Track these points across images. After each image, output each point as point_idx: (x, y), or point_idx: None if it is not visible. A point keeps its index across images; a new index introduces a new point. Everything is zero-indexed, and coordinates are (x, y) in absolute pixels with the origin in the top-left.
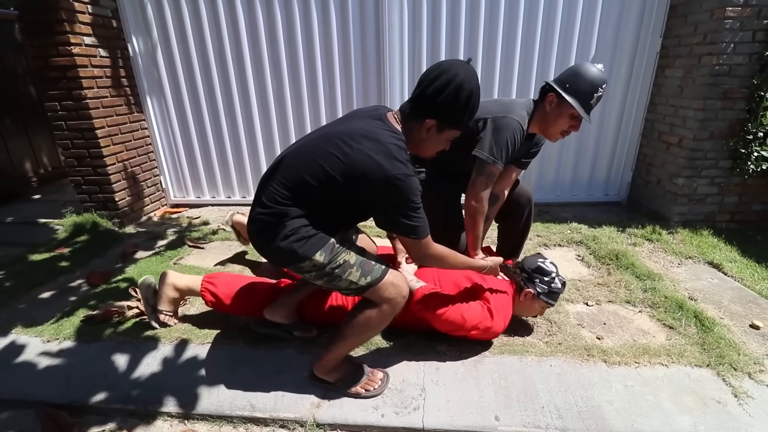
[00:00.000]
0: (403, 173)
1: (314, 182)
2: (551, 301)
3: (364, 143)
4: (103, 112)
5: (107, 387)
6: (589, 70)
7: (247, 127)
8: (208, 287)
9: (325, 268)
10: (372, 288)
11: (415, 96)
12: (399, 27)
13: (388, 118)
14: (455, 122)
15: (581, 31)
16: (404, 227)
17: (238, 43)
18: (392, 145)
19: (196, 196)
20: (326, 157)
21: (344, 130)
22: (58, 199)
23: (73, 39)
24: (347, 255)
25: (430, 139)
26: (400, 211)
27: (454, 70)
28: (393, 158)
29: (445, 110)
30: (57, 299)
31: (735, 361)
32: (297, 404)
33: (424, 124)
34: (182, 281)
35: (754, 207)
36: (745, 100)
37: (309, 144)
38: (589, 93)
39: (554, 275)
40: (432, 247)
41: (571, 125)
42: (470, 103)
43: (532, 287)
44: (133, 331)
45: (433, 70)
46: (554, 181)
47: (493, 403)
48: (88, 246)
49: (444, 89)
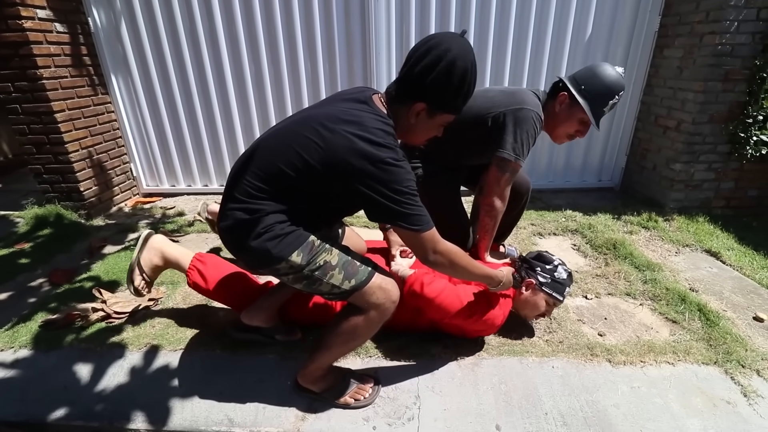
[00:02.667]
0: (392, 157)
1: (291, 172)
2: (556, 294)
3: (346, 127)
4: (62, 94)
5: (68, 402)
6: (608, 74)
7: (223, 110)
8: (197, 265)
9: (303, 270)
10: (357, 292)
11: (402, 76)
12: (385, 1)
13: (374, 101)
14: (448, 106)
15: (577, 9)
16: (399, 215)
17: (211, 18)
18: (377, 130)
19: (170, 185)
20: (304, 143)
21: (324, 113)
22: (21, 189)
23: (24, 12)
24: (328, 255)
25: (420, 124)
26: (392, 197)
27: (445, 45)
28: (378, 143)
29: (435, 92)
30: (14, 301)
31: (743, 357)
32: (280, 417)
33: (412, 108)
34: (172, 251)
35: (750, 193)
36: (746, 82)
37: (285, 129)
38: (604, 99)
39: (557, 264)
40: (440, 243)
41: (578, 130)
42: (464, 83)
43: (533, 277)
44: (97, 338)
45: (422, 45)
46: (547, 166)
47: (493, 411)
48: (51, 241)
49: (434, 67)
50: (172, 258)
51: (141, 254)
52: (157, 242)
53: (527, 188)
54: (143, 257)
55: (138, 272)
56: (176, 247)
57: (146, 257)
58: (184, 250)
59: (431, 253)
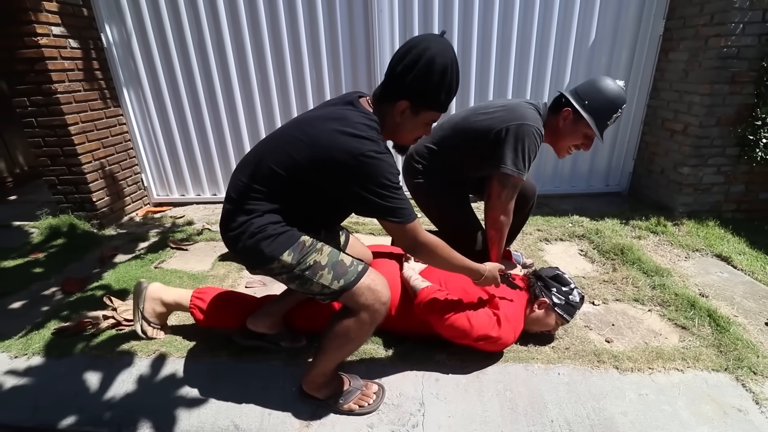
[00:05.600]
0: (374, 150)
1: (281, 171)
2: (567, 316)
3: (330, 124)
4: (76, 107)
5: (78, 408)
6: (610, 88)
7: (231, 120)
8: (197, 303)
9: (294, 270)
10: (347, 293)
11: (386, 76)
12: (389, 10)
13: (360, 102)
14: (430, 102)
15: (580, 14)
16: (383, 209)
17: (218, 31)
18: (361, 124)
19: (180, 194)
20: (291, 141)
21: (312, 115)
22: (36, 199)
23: (40, 29)
24: (318, 255)
25: (405, 123)
26: (376, 191)
27: (424, 44)
28: (360, 136)
29: (416, 89)
30: (28, 309)
31: (754, 364)
32: (285, 424)
33: (396, 107)
34: (170, 296)
35: (762, 195)
36: (753, 83)
37: (277, 133)
38: (608, 113)
39: (573, 287)
40: (421, 234)
41: (582, 143)
42: (445, 79)
43: (548, 296)
44: (107, 345)
45: (403, 46)
46: (553, 171)
47: (498, 418)
48: (64, 250)
49: (414, 66)
50: (172, 302)
51: (143, 307)
52: (154, 292)
53: (533, 192)
54: (146, 309)
55: (146, 324)
56: (173, 290)
57: (148, 308)
58: (181, 292)
59: (414, 243)
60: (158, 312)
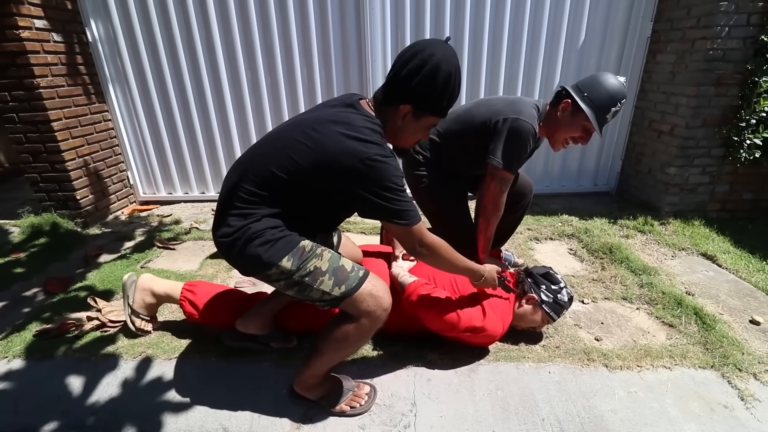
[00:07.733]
0: (380, 154)
1: (283, 175)
2: (553, 314)
3: (333, 127)
4: (59, 103)
5: (61, 412)
6: (610, 82)
7: (219, 117)
8: (188, 296)
9: (293, 276)
10: (348, 299)
11: (389, 80)
12: (381, 9)
13: (361, 105)
14: (433, 108)
15: (570, 15)
16: (389, 211)
17: (207, 27)
18: (365, 128)
19: (167, 193)
20: (294, 146)
21: (313, 117)
22: (17, 197)
23: (22, 22)
24: (318, 261)
25: (406, 127)
26: (382, 194)
27: (429, 50)
28: (366, 140)
29: (420, 95)
30: (9, 311)
31: (739, 361)
32: (275, 426)
33: (398, 111)
34: (161, 287)
35: (745, 195)
36: (738, 86)
37: (276, 135)
38: (607, 106)
39: (563, 286)
40: (426, 236)
41: (580, 136)
42: (449, 86)
43: (536, 293)
44: (91, 347)
45: (407, 50)
46: (543, 171)
47: (489, 417)
48: (46, 249)
49: (418, 71)
50: (162, 293)
51: (133, 298)
52: (145, 282)
53: (530, 189)
54: (136, 300)
55: (135, 316)
56: (164, 282)
57: (138, 299)
58: (172, 284)
59: (418, 245)
60: (148, 303)
